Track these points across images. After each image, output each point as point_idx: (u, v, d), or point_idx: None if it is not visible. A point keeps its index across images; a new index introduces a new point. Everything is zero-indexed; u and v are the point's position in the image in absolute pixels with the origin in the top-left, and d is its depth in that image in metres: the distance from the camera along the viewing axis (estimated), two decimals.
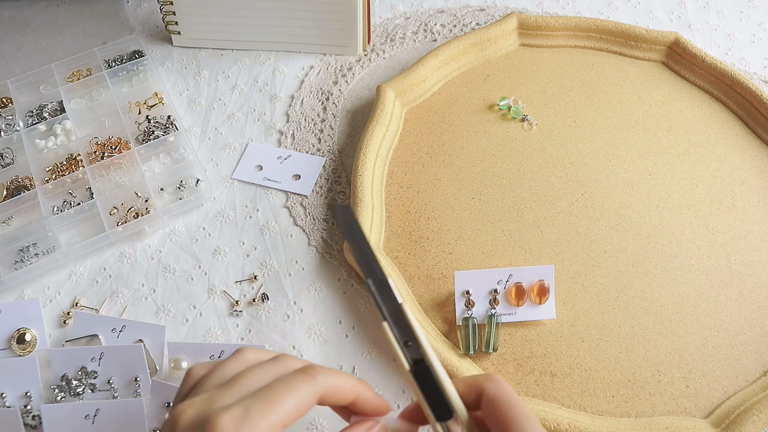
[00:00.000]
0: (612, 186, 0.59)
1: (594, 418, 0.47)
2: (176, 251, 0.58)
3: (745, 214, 0.57)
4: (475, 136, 0.63)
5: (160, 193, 0.61)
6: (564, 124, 0.63)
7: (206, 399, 0.32)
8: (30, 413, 0.49)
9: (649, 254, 0.54)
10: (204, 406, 0.32)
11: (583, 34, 0.70)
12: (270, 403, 0.31)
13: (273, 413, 0.31)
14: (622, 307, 0.52)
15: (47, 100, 0.68)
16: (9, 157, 0.64)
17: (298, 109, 0.68)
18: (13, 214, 0.61)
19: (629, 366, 0.49)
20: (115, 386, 0.49)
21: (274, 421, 0.31)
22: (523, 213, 0.57)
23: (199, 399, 0.32)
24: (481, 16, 0.76)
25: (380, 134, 0.61)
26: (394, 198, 0.59)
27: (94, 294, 0.56)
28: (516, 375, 0.49)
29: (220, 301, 0.55)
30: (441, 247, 0.55)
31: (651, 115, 0.64)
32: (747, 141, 0.62)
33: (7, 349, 0.53)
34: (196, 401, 0.32)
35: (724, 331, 0.51)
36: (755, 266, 0.54)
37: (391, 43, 0.74)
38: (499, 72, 0.68)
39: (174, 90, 0.71)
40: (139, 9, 0.79)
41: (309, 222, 0.59)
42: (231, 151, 0.65)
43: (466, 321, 0.50)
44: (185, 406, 0.32)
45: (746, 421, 0.45)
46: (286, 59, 0.73)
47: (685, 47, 0.67)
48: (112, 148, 0.63)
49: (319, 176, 0.62)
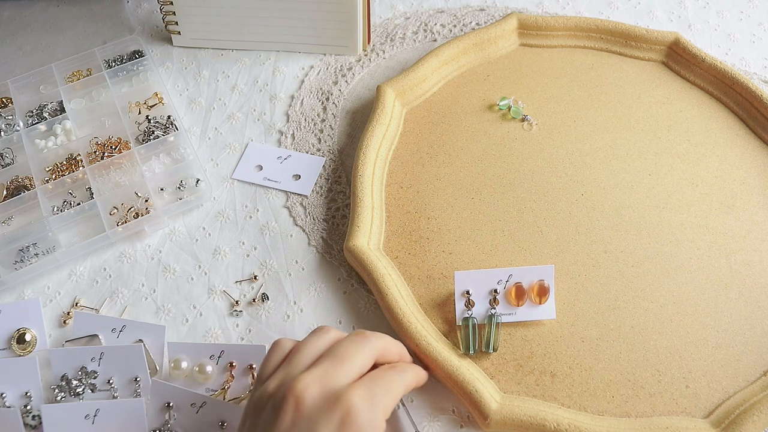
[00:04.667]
0: (612, 186, 0.59)
1: (594, 418, 0.47)
2: (176, 251, 0.58)
3: (745, 214, 0.57)
4: (475, 136, 0.63)
5: (160, 193, 0.61)
6: (564, 124, 0.63)
7: (324, 374, 0.36)
8: (30, 413, 0.49)
9: (649, 254, 0.54)
10: (327, 381, 0.36)
11: (583, 34, 0.70)
12: (390, 386, 0.38)
13: (393, 395, 0.38)
14: (622, 307, 0.52)
15: (47, 100, 0.68)
16: (9, 157, 0.64)
17: (298, 109, 0.68)
18: (13, 214, 0.61)
19: (629, 366, 0.49)
20: (115, 386, 0.49)
21: (390, 405, 0.37)
22: (523, 213, 0.57)
23: (316, 373, 0.36)
24: (481, 16, 0.76)
25: (380, 134, 0.61)
26: (394, 198, 0.59)
27: (94, 294, 0.56)
28: (516, 375, 0.49)
29: (220, 301, 0.55)
30: (441, 247, 0.55)
31: (651, 115, 0.64)
32: (747, 141, 0.62)
33: (7, 349, 0.53)
34: (316, 375, 0.36)
35: (724, 331, 0.51)
36: (755, 266, 0.54)
37: (391, 43, 0.74)
38: (499, 72, 0.68)
39: (174, 90, 0.71)
40: (139, 9, 0.79)
41: (309, 222, 0.59)
42: (231, 151, 0.65)
43: (466, 321, 0.50)
44: (307, 381, 0.36)
45: (746, 421, 0.45)
46: (286, 59, 0.73)
47: (685, 47, 0.67)
48: (112, 148, 0.63)
49: (319, 176, 0.62)
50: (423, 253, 0.55)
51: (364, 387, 0.36)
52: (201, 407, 0.47)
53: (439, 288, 0.53)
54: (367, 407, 0.35)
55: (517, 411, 0.46)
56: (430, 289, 0.53)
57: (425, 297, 0.53)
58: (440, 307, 0.52)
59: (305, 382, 0.36)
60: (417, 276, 0.54)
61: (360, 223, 0.55)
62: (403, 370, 0.41)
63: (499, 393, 0.48)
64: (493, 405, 0.46)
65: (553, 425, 0.45)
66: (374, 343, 0.41)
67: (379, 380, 0.38)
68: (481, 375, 0.48)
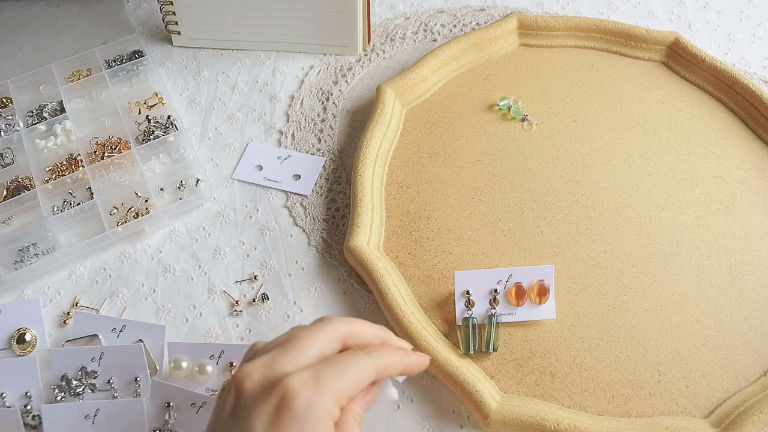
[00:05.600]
0: (612, 186, 0.59)
1: (594, 418, 0.47)
2: (176, 251, 0.58)
3: (745, 214, 0.57)
4: (475, 136, 0.63)
5: (160, 193, 0.61)
6: (564, 124, 0.63)
7: (269, 361, 0.34)
8: (30, 413, 0.49)
9: (649, 254, 0.54)
10: (270, 368, 0.33)
11: (583, 34, 0.70)
12: (344, 368, 0.34)
13: (350, 378, 0.34)
14: (622, 307, 0.52)
15: (47, 100, 0.68)
16: (9, 157, 0.64)
17: (298, 109, 0.68)
18: (13, 214, 0.61)
19: (629, 366, 0.49)
20: (115, 386, 0.49)
21: (344, 388, 0.33)
22: (523, 213, 0.57)
23: (261, 361, 0.34)
24: (481, 16, 0.76)
25: (380, 134, 0.61)
26: (394, 198, 0.59)
27: (94, 294, 0.56)
28: (516, 375, 0.49)
29: (220, 301, 0.55)
30: (441, 247, 0.55)
31: (651, 115, 0.64)
32: (747, 141, 0.62)
33: (7, 349, 0.53)
34: (260, 363, 0.34)
35: (724, 331, 0.51)
36: (755, 266, 0.54)
37: (391, 43, 0.74)
38: (499, 72, 0.68)
39: (174, 90, 0.71)
40: (139, 9, 0.79)
41: (309, 222, 0.59)
42: (231, 151, 0.65)
43: (466, 321, 0.50)
44: (249, 368, 0.33)
45: (746, 421, 0.45)
46: (286, 59, 0.73)
47: (685, 47, 0.67)
48: (112, 148, 0.63)
49: (319, 176, 0.62)
50: (423, 253, 0.55)
51: (310, 371, 0.33)
52: (201, 407, 0.47)
53: (439, 288, 0.53)
54: (308, 392, 0.32)
55: (517, 411, 0.46)
56: (430, 289, 0.53)
57: (425, 297, 0.53)
58: (440, 307, 0.52)
59: (247, 370, 0.34)
60: (417, 276, 0.54)
61: (360, 223, 0.55)
62: (376, 351, 0.36)
63: (499, 393, 0.48)
64: (493, 405, 0.46)
65: (553, 425, 0.45)
66: (336, 326, 0.36)
67: (332, 363, 0.34)
68: (481, 375, 0.48)
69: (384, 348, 0.37)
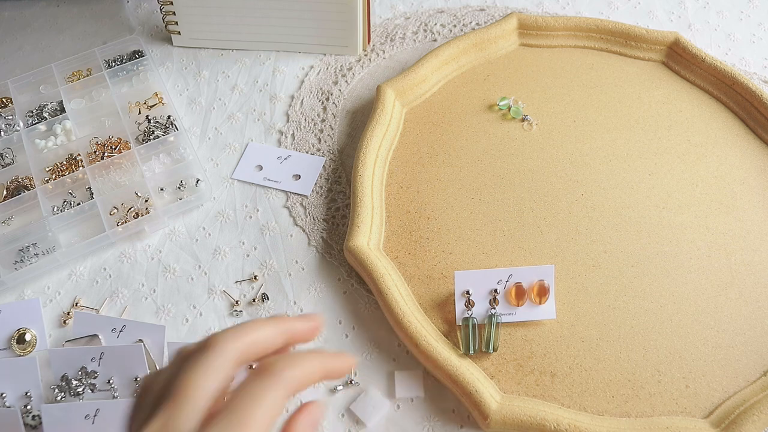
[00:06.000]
0: (612, 186, 0.59)
1: (594, 418, 0.47)
2: (176, 251, 0.58)
3: (745, 214, 0.57)
4: (475, 136, 0.63)
5: (160, 193, 0.61)
6: (564, 124, 0.63)
7: (161, 428, 0.28)
8: (30, 413, 0.49)
9: (649, 254, 0.54)
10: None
11: (583, 34, 0.70)
12: (245, 422, 0.28)
13: (254, 421, 0.28)
14: (622, 307, 0.52)
15: (47, 100, 0.68)
16: (9, 157, 0.64)
17: (298, 109, 0.68)
18: (13, 214, 0.61)
19: (629, 366, 0.49)
20: (115, 386, 0.50)
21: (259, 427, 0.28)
22: (523, 213, 0.57)
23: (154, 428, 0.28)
24: (481, 16, 0.76)
25: (380, 134, 0.61)
26: (394, 198, 0.59)
27: (94, 294, 0.56)
28: (516, 375, 0.49)
29: (220, 301, 0.55)
30: (441, 247, 0.55)
31: (651, 115, 0.64)
32: (747, 141, 0.62)
33: (7, 349, 0.53)
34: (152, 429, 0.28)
35: (724, 331, 0.51)
36: (755, 266, 0.54)
37: (391, 43, 0.74)
38: (499, 72, 0.68)
39: (174, 90, 0.71)
40: (139, 9, 0.79)
41: (309, 222, 0.59)
42: (231, 151, 0.65)
43: (466, 321, 0.50)
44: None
45: (746, 421, 0.45)
46: (286, 59, 0.73)
47: (685, 47, 0.67)
48: (112, 148, 0.63)
49: (319, 176, 0.62)
50: (423, 253, 0.55)
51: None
52: None
53: (439, 288, 0.53)
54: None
55: (517, 411, 0.46)
56: (430, 289, 0.53)
57: (425, 297, 0.53)
58: (440, 307, 0.52)
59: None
60: (417, 276, 0.54)
61: (360, 223, 0.55)
62: (281, 373, 0.30)
63: (499, 393, 0.48)
64: (493, 405, 0.46)
65: (553, 425, 0.45)
66: (224, 353, 0.31)
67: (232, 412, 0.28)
68: (481, 375, 0.48)
69: (293, 363, 0.31)
